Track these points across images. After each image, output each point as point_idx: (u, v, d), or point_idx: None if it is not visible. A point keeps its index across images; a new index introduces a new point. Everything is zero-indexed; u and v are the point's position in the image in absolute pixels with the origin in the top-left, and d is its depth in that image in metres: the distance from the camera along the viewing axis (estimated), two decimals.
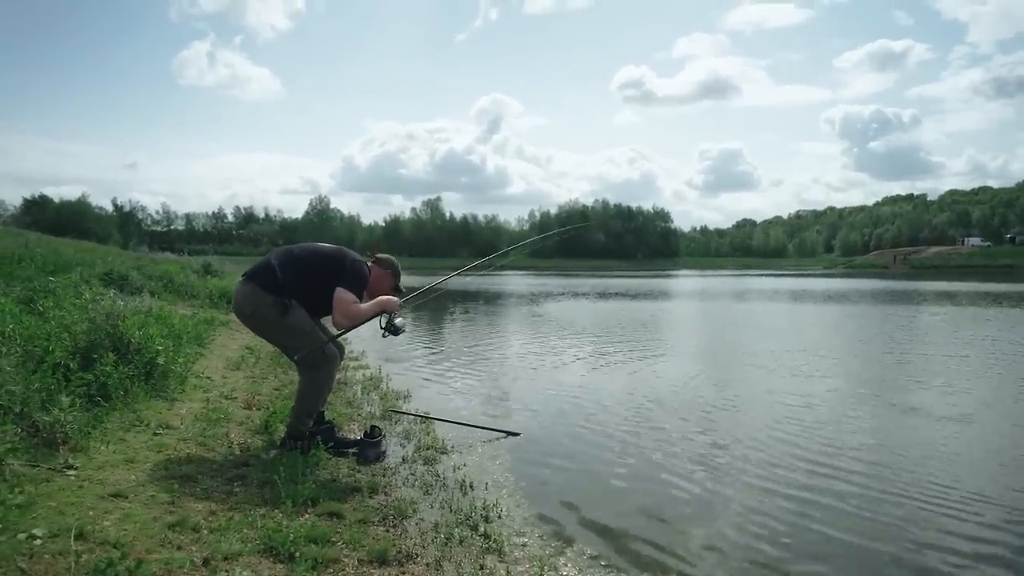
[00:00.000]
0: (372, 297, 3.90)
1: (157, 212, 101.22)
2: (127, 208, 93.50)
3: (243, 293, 3.75)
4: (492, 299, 20.92)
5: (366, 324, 3.85)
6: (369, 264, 3.96)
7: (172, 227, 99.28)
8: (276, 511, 2.85)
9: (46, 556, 2.16)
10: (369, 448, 3.87)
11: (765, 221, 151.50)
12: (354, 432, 4.36)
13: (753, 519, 3.33)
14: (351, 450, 3.88)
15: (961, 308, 17.94)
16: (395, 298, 3.89)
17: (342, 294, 3.64)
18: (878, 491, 3.73)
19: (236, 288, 3.85)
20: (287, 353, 4.01)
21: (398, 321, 3.86)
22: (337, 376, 4.04)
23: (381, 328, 3.85)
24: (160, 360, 4.54)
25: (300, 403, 3.78)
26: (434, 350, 9.08)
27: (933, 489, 3.75)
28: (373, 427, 4.04)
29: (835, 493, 3.70)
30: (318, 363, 3.74)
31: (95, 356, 4.04)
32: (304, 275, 3.72)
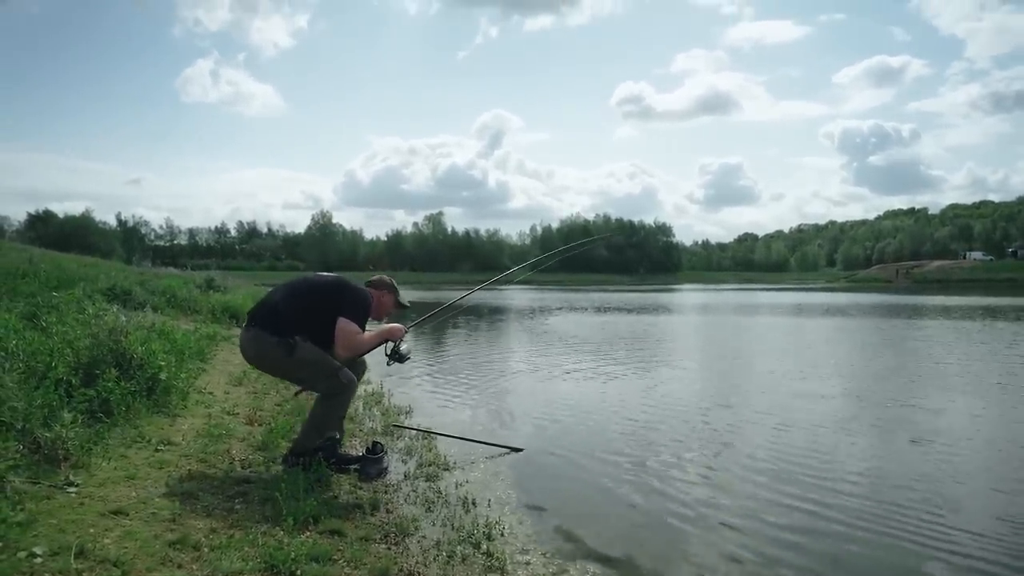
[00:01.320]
0: (378, 312, 3.94)
1: (161, 227, 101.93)
2: (131, 223, 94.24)
3: (247, 339, 3.76)
4: (494, 313, 20.92)
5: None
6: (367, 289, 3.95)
7: (175, 242, 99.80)
8: (277, 529, 2.83)
9: (46, 574, 2.14)
10: (371, 464, 3.85)
11: (767, 235, 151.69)
12: (356, 448, 4.34)
13: (758, 537, 3.30)
14: (353, 466, 3.86)
15: (973, 322, 17.88)
16: (400, 326, 3.92)
17: (344, 325, 3.63)
18: (884, 506, 3.69)
19: (241, 335, 3.85)
20: (304, 386, 4.03)
21: (403, 348, 3.89)
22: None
23: (386, 355, 3.90)
24: (162, 376, 4.54)
25: (312, 423, 3.72)
26: (436, 365, 9.06)
27: (937, 507, 3.71)
28: (375, 443, 4.03)
29: (841, 509, 3.66)
30: (335, 391, 3.70)
31: (97, 372, 4.04)
32: (306, 312, 3.70)
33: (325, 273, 4.02)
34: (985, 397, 7.01)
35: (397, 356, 3.87)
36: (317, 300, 3.75)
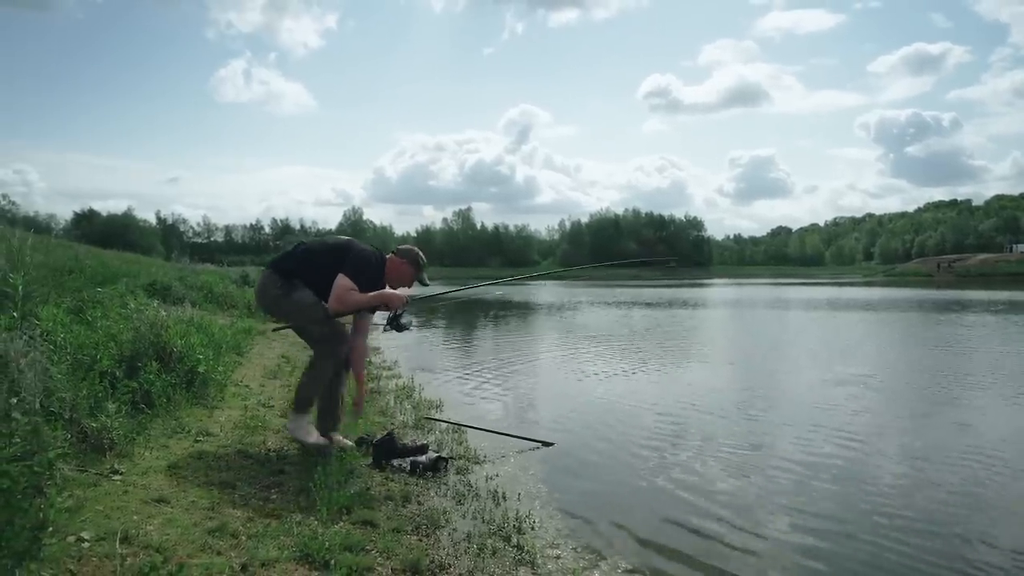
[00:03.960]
0: (394, 279, 3.99)
1: (198, 224, 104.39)
2: (170, 221, 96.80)
3: (260, 282, 4.04)
4: (524, 308, 20.92)
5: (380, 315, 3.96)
6: (388, 256, 4.04)
7: (212, 239, 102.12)
8: (312, 518, 2.89)
9: (93, 559, 2.23)
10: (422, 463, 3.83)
11: (801, 229, 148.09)
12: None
13: (791, 531, 3.24)
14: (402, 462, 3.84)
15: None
16: (400, 294, 3.93)
17: (340, 280, 3.75)
18: (922, 502, 3.59)
19: (258, 278, 4.12)
20: (303, 334, 4.11)
21: (404, 319, 3.85)
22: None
23: (386, 322, 3.89)
24: (201, 368, 4.66)
25: (307, 375, 3.90)
26: (466, 359, 9.11)
27: (981, 504, 3.60)
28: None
29: (876, 504, 3.58)
30: (327, 339, 3.85)
31: (139, 364, 4.17)
32: (312, 261, 3.89)
33: (341, 236, 4.17)
34: None
35: (396, 325, 3.84)
36: (324, 254, 3.91)
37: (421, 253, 4.13)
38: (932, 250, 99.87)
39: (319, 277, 3.82)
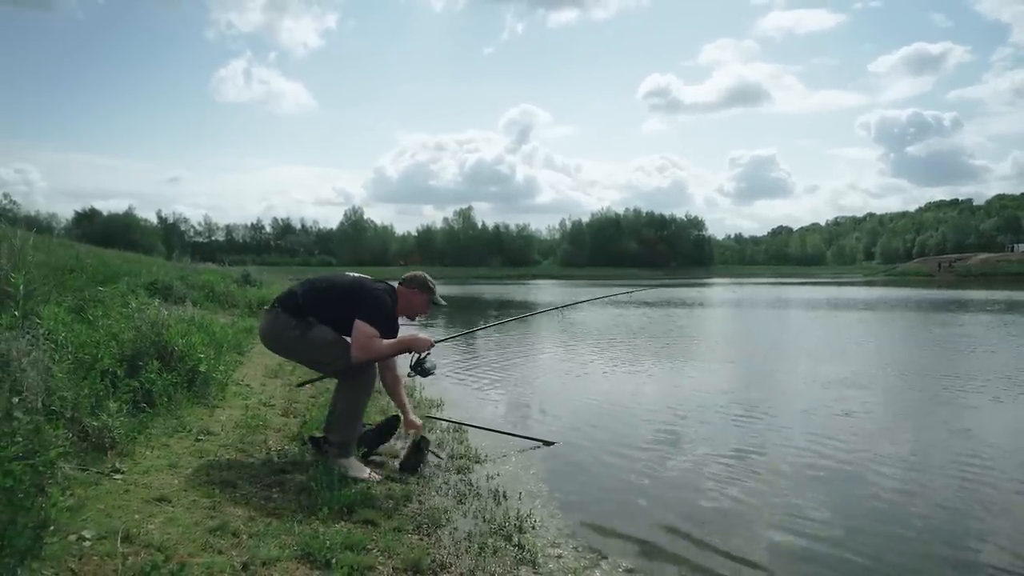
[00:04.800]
0: (408, 311, 3.86)
1: (199, 224, 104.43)
2: (171, 220, 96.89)
3: (266, 322, 3.78)
4: (525, 307, 20.91)
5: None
6: (397, 287, 3.87)
7: (213, 238, 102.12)
8: (313, 517, 2.89)
9: (95, 557, 2.23)
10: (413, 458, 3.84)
11: (802, 228, 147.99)
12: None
13: (791, 531, 3.24)
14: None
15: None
16: (427, 338, 3.76)
17: (360, 327, 3.51)
18: (920, 505, 3.59)
19: (261, 318, 3.88)
20: (320, 370, 4.03)
21: (428, 363, 3.72)
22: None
23: (410, 367, 3.76)
24: (202, 367, 4.66)
25: (342, 415, 3.64)
26: (467, 358, 9.11)
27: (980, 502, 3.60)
28: (422, 438, 3.93)
29: (875, 506, 3.59)
30: (352, 370, 3.63)
31: (140, 363, 4.17)
32: (322, 299, 3.69)
33: (348, 272, 3.97)
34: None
35: (420, 370, 3.72)
36: (334, 296, 3.70)
37: (428, 276, 3.97)
38: (933, 250, 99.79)
39: (334, 316, 3.62)
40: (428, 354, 3.74)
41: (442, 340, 4.10)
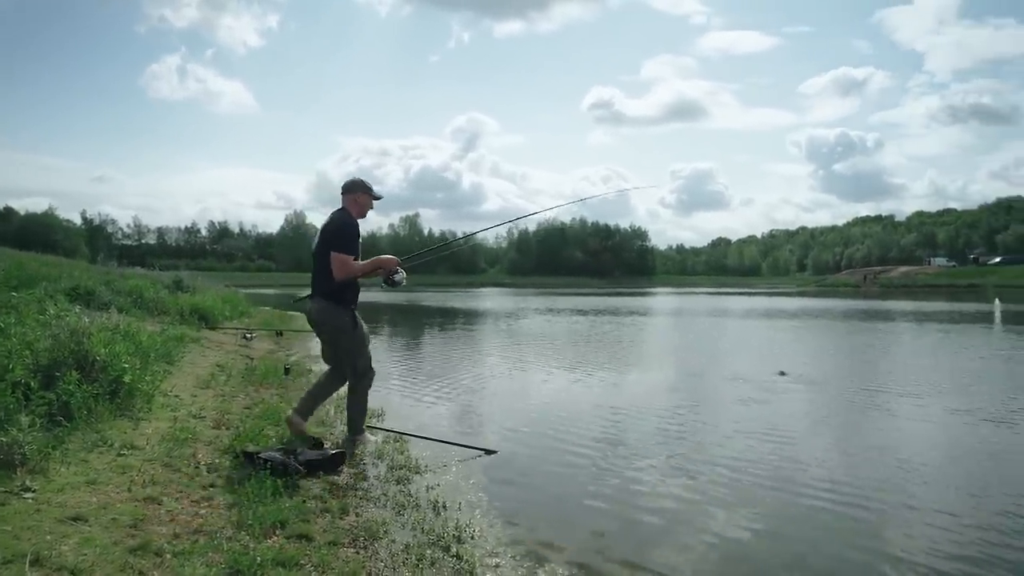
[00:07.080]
0: (361, 212, 4.54)
1: (128, 226, 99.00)
2: (96, 221, 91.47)
3: (317, 310, 4.45)
4: (469, 316, 20.88)
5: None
6: (343, 198, 4.51)
7: (144, 241, 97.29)
8: (243, 533, 2.78)
9: None
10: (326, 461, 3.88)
11: (739, 240, 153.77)
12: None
13: (730, 537, 3.34)
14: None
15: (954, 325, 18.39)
16: (393, 257, 4.54)
17: (337, 256, 4.29)
18: (853, 504, 3.77)
19: (310, 306, 4.51)
20: (349, 359, 4.53)
21: (397, 277, 4.41)
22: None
23: (383, 281, 4.43)
24: (126, 378, 4.45)
25: (355, 409, 4.60)
26: (409, 367, 9.01)
27: (905, 498, 3.81)
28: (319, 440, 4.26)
29: (811, 508, 3.74)
30: (367, 371, 4.58)
31: (58, 374, 3.94)
32: (327, 267, 4.32)
33: (323, 224, 4.60)
34: (949, 397, 7.19)
35: (391, 283, 4.41)
36: (324, 253, 4.34)
37: (360, 178, 4.59)
38: (859, 262, 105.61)
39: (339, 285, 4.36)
40: (396, 271, 4.42)
41: (405, 258, 4.78)
